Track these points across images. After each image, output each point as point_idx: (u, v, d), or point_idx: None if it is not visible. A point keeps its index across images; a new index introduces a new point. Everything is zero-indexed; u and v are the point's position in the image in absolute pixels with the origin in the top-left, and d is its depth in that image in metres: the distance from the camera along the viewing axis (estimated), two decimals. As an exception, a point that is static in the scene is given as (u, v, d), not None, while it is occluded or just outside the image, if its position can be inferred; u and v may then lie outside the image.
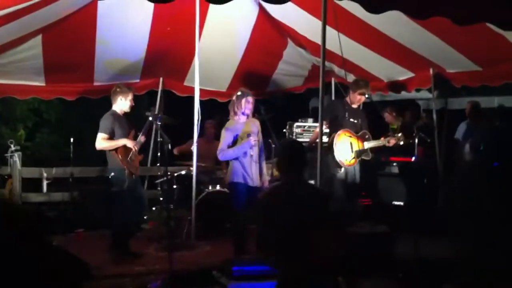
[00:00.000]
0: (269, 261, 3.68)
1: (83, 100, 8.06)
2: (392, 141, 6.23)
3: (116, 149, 5.71)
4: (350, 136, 6.15)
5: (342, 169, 6.15)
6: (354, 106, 6.38)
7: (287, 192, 3.52)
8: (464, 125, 7.36)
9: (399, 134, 6.25)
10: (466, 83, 6.65)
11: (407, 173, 7.10)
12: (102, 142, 5.65)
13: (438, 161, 6.79)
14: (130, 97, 5.91)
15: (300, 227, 3.35)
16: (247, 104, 5.73)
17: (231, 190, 6.02)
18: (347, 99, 6.40)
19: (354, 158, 6.15)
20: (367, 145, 6.20)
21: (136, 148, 5.80)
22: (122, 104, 5.86)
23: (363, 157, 6.22)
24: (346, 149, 6.08)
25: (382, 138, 6.28)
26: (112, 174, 5.73)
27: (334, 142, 6.02)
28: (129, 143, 5.74)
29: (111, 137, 5.69)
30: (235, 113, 5.82)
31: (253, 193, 5.56)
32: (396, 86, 7.57)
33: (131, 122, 6.05)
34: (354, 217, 6.26)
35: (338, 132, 6.08)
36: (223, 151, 5.77)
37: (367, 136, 6.26)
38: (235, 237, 5.75)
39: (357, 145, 6.16)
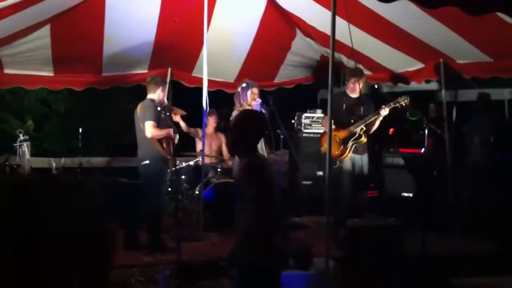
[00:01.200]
0: None
1: (91, 90, 8.06)
2: (384, 110, 6.12)
3: (160, 139, 5.67)
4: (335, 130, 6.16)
5: (348, 161, 6.14)
6: (354, 95, 6.34)
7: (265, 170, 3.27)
8: (473, 117, 7.29)
9: (398, 98, 6.16)
10: (476, 75, 6.58)
11: (417, 165, 7.06)
12: (154, 130, 5.54)
13: (448, 153, 6.75)
14: (166, 89, 5.96)
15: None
16: (252, 96, 5.68)
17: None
18: (347, 90, 6.39)
19: (343, 147, 6.12)
20: (354, 128, 6.16)
21: (176, 141, 5.77)
22: (160, 95, 5.83)
23: (355, 142, 6.15)
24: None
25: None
26: (147, 162, 5.65)
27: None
28: (172, 133, 5.73)
29: (158, 125, 5.62)
30: (241, 105, 5.78)
31: None
32: (405, 77, 7.51)
33: None
34: (361, 209, 6.25)
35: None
36: None
37: (352, 121, 6.21)
38: None
39: (339, 135, 6.13)
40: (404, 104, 6.17)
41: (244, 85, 5.76)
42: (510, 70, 6.14)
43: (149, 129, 5.54)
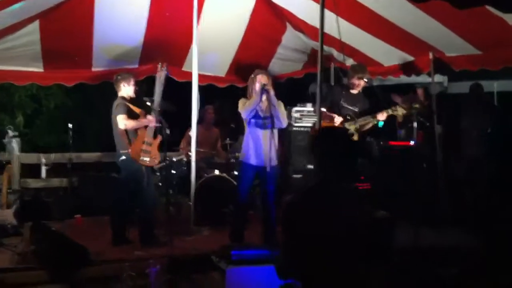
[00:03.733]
0: None
1: (81, 86, 8.03)
2: (381, 115, 6.14)
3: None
4: (329, 122, 6.17)
5: None
6: (354, 91, 6.36)
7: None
8: (468, 109, 7.27)
9: (397, 106, 6.19)
10: (466, 67, 6.59)
11: (406, 158, 7.08)
12: (125, 121, 5.60)
13: (437, 146, 6.77)
14: (132, 82, 5.95)
15: None
16: (258, 84, 5.65)
17: (239, 170, 6.02)
18: (347, 84, 6.41)
19: None
20: (348, 126, 6.19)
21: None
22: (126, 90, 5.88)
23: None
24: None
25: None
26: (123, 158, 5.69)
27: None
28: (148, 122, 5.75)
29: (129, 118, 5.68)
30: (250, 95, 5.78)
31: (265, 175, 5.54)
32: (395, 70, 7.53)
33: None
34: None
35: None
36: (245, 107, 5.66)
37: (348, 117, 6.23)
38: (233, 223, 5.77)
39: None
40: (401, 114, 6.23)
41: (252, 75, 5.75)
42: (498, 62, 6.15)
43: (120, 122, 5.61)
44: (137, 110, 5.77)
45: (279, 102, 5.72)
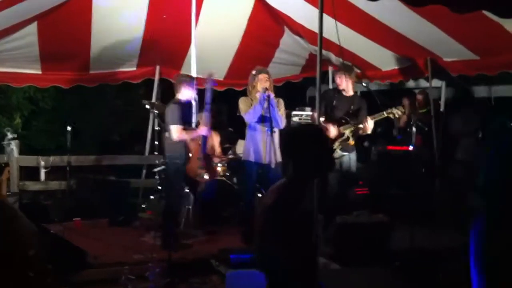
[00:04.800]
0: None
1: (79, 88, 8.03)
2: (367, 123, 6.07)
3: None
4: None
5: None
6: (347, 94, 6.32)
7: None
8: (459, 113, 7.30)
9: (392, 108, 6.17)
10: (463, 72, 6.63)
11: (405, 162, 7.09)
12: (178, 133, 5.48)
13: (435, 150, 6.79)
14: (194, 86, 5.85)
15: None
16: (260, 83, 5.67)
17: (241, 170, 6.03)
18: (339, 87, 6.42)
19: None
20: (343, 129, 6.19)
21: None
22: (187, 93, 5.73)
23: (342, 142, 6.18)
24: None
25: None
26: (166, 160, 5.69)
27: None
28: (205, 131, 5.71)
29: (185, 127, 5.56)
30: (249, 92, 5.79)
31: (265, 175, 5.54)
32: (393, 75, 7.55)
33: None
34: (350, 206, 6.28)
35: None
36: (247, 112, 5.69)
37: (343, 121, 6.23)
38: (242, 226, 5.79)
39: (328, 134, 6.16)
40: (397, 116, 6.21)
41: (253, 72, 5.75)
42: (495, 67, 6.18)
43: (174, 133, 5.50)
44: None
45: (279, 101, 5.76)
